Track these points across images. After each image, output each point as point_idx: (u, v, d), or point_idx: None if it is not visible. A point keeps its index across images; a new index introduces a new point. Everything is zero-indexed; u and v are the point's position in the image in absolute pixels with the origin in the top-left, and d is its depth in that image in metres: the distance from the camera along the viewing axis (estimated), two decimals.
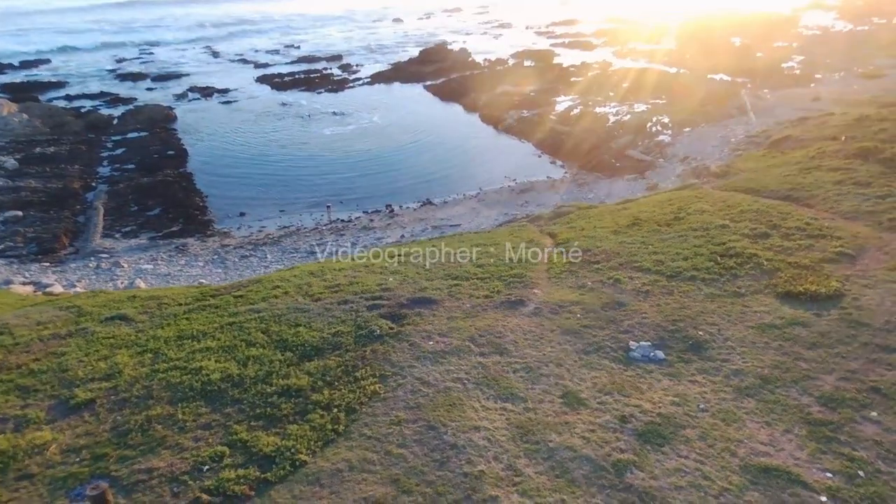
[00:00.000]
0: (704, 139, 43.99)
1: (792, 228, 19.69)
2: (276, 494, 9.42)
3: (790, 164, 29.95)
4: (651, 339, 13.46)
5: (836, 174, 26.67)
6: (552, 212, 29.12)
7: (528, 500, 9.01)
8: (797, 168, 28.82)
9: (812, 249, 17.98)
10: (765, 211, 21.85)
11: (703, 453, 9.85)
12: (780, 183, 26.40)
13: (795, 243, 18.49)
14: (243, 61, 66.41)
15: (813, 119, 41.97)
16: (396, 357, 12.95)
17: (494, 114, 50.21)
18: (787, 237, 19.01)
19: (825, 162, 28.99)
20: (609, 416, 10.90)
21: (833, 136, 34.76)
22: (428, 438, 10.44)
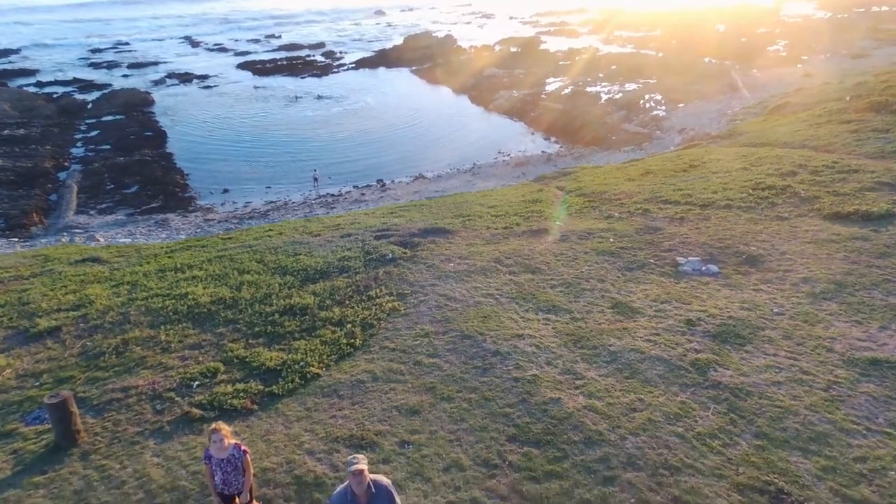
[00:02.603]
0: (700, 113, 43.15)
1: (819, 167, 18.45)
2: (284, 407, 7.65)
3: (798, 122, 29.00)
4: (700, 256, 11.98)
5: (850, 125, 25.65)
6: (556, 172, 27.71)
7: (598, 401, 7.39)
8: (806, 124, 27.85)
9: (847, 182, 16.72)
10: (784, 156, 20.67)
11: (793, 351, 8.35)
12: (793, 136, 25.32)
13: (828, 177, 17.24)
14: (223, 50, 64.34)
15: (810, 89, 41.36)
16: (414, 277, 11.26)
17: (483, 95, 48.95)
18: (817, 174, 17.75)
19: (835, 117, 28.04)
20: (672, 321, 9.36)
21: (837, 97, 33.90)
22: (464, 347, 8.77)
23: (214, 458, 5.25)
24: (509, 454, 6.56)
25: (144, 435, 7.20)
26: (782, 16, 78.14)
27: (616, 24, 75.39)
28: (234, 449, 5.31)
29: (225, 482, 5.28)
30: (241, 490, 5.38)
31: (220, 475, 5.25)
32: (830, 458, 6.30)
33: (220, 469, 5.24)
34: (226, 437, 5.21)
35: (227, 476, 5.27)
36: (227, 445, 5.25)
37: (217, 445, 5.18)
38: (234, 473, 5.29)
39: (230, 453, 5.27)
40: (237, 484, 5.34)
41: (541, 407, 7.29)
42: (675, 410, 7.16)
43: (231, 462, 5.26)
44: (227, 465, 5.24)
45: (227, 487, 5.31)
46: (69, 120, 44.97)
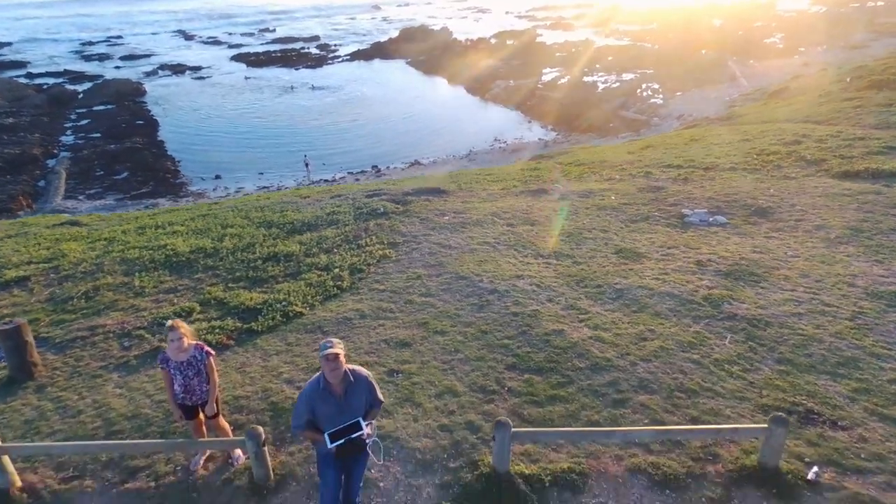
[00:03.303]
0: (698, 100, 42.76)
1: (824, 136, 17.94)
2: (263, 343, 7.03)
3: (799, 103, 28.53)
4: (706, 208, 11.43)
5: (852, 102, 25.18)
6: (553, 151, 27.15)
7: (604, 332, 6.80)
8: (807, 104, 27.39)
9: (853, 147, 16.19)
10: (787, 129, 20.16)
11: (812, 287, 7.78)
12: (794, 114, 24.84)
13: (833, 144, 16.72)
14: (217, 43, 63.70)
15: (809, 76, 40.99)
16: (407, 229, 10.66)
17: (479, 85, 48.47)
18: (822, 141, 17.21)
19: (836, 96, 27.60)
20: (680, 262, 8.79)
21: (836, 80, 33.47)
22: (459, 287, 8.17)
23: (172, 361, 4.62)
24: (508, 381, 5.95)
25: (108, 369, 6.57)
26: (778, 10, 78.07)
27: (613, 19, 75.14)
28: (196, 350, 4.68)
29: (186, 389, 4.65)
30: (206, 400, 4.75)
31: (180, 381, 4.61)
32: (862, 381, 5.72)
33: (180, 373, 4.60)
34: (185, 337, 4.57)
35: (189, 382, 4.63)
36: (187, 346, 4.62)
37: (175, 345, 4.54)
38: (197, 379, 4.66)
39: (191, 355, 4.64)
40: (200, 392, 4.71)
41: (542, 338, 6.70)
42: (689, 339, 6.58)
43: (192, 365, 4.63)
44: (188, 369, 4.61)
45: (188, 396, 4.68)
46: (59, 109, 44.29)
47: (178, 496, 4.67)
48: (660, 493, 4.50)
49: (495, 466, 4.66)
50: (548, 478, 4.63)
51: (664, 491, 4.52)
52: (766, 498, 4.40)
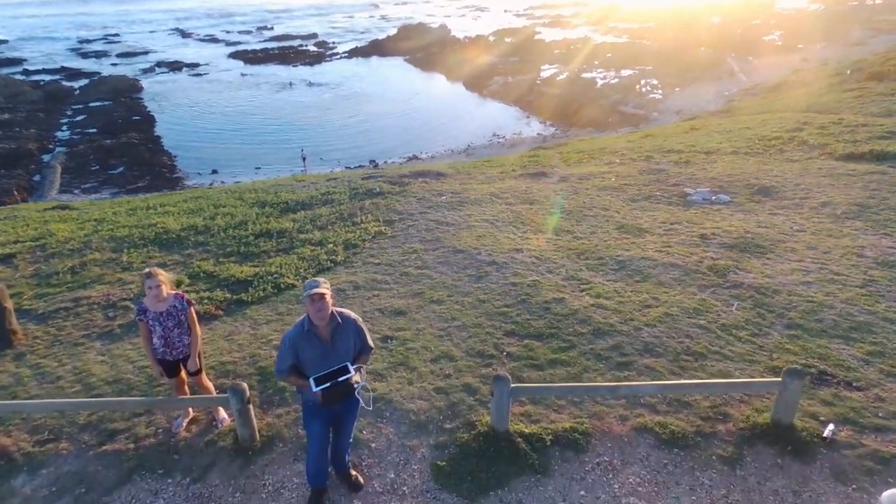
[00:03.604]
0: (697, 95, 42.58)
1: (826, 123, 17.74)
2: (252, 312, 6.78)
3: (799, 95, 28.36)
4: (709, 187, 11.21)
5: (853, 92, 25.02)
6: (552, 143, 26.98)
7: (607, 300, 6.56)
8: (808, 95, 27.23)
9: (856, 132, 15.99)
10: (789, 118, 19.97)
11: (820, 258, 7.54)
12: (794, 105, 24.65)
13: (835, 130, 16.52)
14: (214, 40, 63.34)
15: (808, 70, 40.82)
16: (403, 207, 10.42)
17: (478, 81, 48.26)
18: (824, 128, 17.01)
19: (837, 87, 27.45)
20: (684, 236, 8.56)
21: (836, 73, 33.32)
22: (456, 260, 7.93)
23: (150, 311, 4.36)
24: (507, 346, 5.71)
25: (91, 338, 6.32)
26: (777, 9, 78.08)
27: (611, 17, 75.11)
28: (176, 300, 4.42)
29: (166, 343, 4.39)
30: (187, 354, 4.49)
31: (159, 333, 4.35)
32: (877, 345, 5.48)
33: (159, 324, 4.34)
34: (164, 285, 4.32)
35: (168, 334, 4.37)
36: (166, 296, 4.37)
37: (153, 294, 4.28)
38: (178, 331, 4.40)
39: (170, 304, 4.38)
40: (181, 346, 4.45)
41: (542, 306, 6.45)
42: (695, 306, 6.34)
43: (172, 315, 4.37)
44: (168, 320, 4.35)
45: (169, 351, 4.42)
46: (55, 105, 43.98)
47: (158, 458, 4.42)
48: (667, 452, 4.26)
49: (494, 426, 4.41)
50: (549, 437, 4.39)
51: (672, 449, 4.28)
52: (779, 455, 4.16)
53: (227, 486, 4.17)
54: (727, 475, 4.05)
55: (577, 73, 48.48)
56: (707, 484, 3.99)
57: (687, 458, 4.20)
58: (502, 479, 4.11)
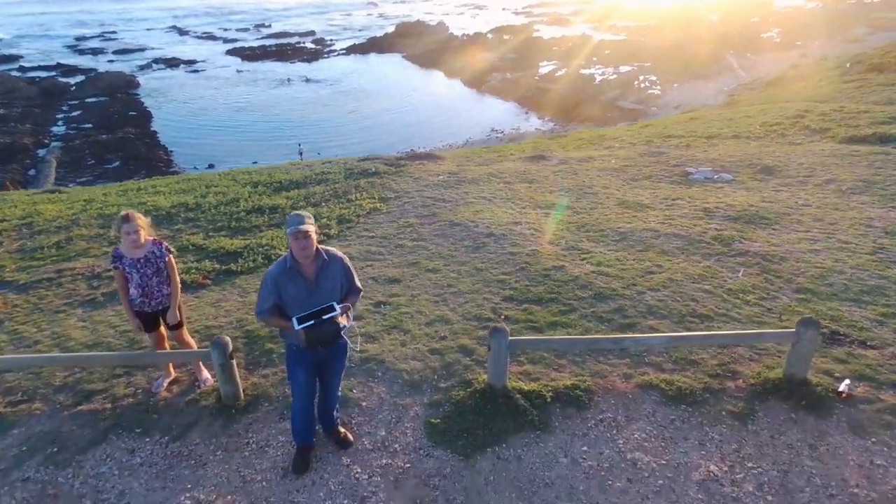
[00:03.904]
0: (696, 91, 42.41)
1: (827, 111, 17.54)
2: (241, 282, 6.55)
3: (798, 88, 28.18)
4: (711, 167, 11.00)
5: (853, 83, 24.85)
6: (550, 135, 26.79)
7: (609, 267, 6.33)
8: (807, 87, 27.05)
9: (858, 118, 15.79)
10: (789, 107, 19.77)
11: (827, 229, 7.34)
12: (794, 97, 24.46)
13: (837, 117, 16.32)
14: (212, 38, 63.10)
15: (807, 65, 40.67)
16: (399, 186, 10.19)
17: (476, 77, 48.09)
18: (824, 115, 16.80)
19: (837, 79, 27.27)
20: (686, 210, 8.34)
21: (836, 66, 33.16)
22: (453, 232, 7.70)
23: (126, 258, 4.12)
24: (505, 311, 5.48)
25: (73, 305, 6.08)
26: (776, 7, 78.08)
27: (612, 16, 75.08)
28: (154, 246, 4.18)
29: (145, 292, 4.15)
30: (167, 306, 4.26)
31: (136, 281, 4.11)
32: (890, 307, 5.26)
33: (137, 272, 4.09)
34: (142, 229, 4.08)
35: (147, 283, 4.13)
36: (144, 242, 4.13)
37: (131, 239, 4.04)
38: (157, 280, 4.16)
39: (148, 251, 4.15)
40: (160, 296, 4.21)
41: (542, 273, 6.23)
42: (699, 273, 6.12)
43: (150, 262, 4.13)
44: (146, 267, 4.11)
45: (147, 301, 4.18)
46: (51, 101, 43.71)
47: (136, 417, 4.18)
48: (674, 408, 4.03)
49: (491, 383, 4.18)
50: (549, 394, 4.16)
51: (679, 406, 4.05)
52: (793, 410, 3.94)
53: (209, 445, 3.93)
54: (738, 430, 3.83)
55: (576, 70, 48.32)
56: (717, 439, 3.77)
57: (695, 413, 3.97)
58: (500, 435, 3.88)
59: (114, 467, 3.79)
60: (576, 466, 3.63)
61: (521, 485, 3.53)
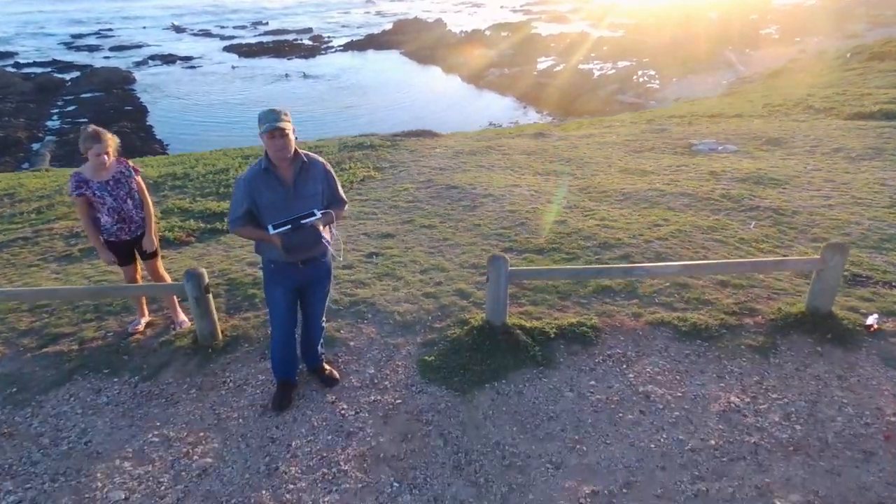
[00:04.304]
0: (695, 85, 42.16)
1: (830, 94, 17.26)
2: (227, 239, 6.23)
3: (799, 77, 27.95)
4: (715, 139, 10.72)
5: (855, 71, 24.60)
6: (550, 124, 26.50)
7: (613, 222, 6.02)
8: (809, 76, 26.81)
9: (862, 100, 15.52)
10: (792, 93, 19.50)
11: (840, 188, 7.03)
12: (795, 86, 24.20)
13: (840, 98, 16.06)
14: (208, 35, 62.84)
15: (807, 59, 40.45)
16: (395, 157, 9.88)
17: (474, 73, 47.84)
18: (828, 98, 16.53)
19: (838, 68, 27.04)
20: (692, 174, 8.04)
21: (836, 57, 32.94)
22: (450, 194, 7.39)
23: (93, 181, 3.80)
24: None
25: (47, 260, 5.75)
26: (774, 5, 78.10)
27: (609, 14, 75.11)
28: (121, 166, 3.86)
29: (121, 217, 3.77)
30: (143, 231, 3.93)
31: (110, 205, 3.72)
32: None
33: (109, 194, 3.73)
34: (110, 148, 3.75)
35: (122, 206, 3.77)
36: (111, 163, 3.80)
37: (98, 161, 3.68)
38: (131, 202, 3.82)
39: (116, 171, 3.82)
40: (138, 219, 3.87)
41: (543, 227, 5.92)
42: (709, 225, 5.81)
43: (121, 183, 3.79)
44: (117, 188, 3.77)
45: (125, 227, 3.81)
46: (46, 96, 43.38)
47: (105, 358, 3.85)
48: (689, 343, 3.72)
49: (489, 320, 3.86)
50: (553, 331, 3.84)
51: (694, 341, 3.73)
52: (819, 343, 3.62)
53: (182, 384, 3.60)
54: (759, 363, 3.51)
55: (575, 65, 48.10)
56: (737, 372, 3.45)
57: (712, 348, 3.66)
58: (499, 371, 3.56)
59: (77, 406, 3.46)
60: (582, 400, 3.31)
61: (523, 418, 3.21)
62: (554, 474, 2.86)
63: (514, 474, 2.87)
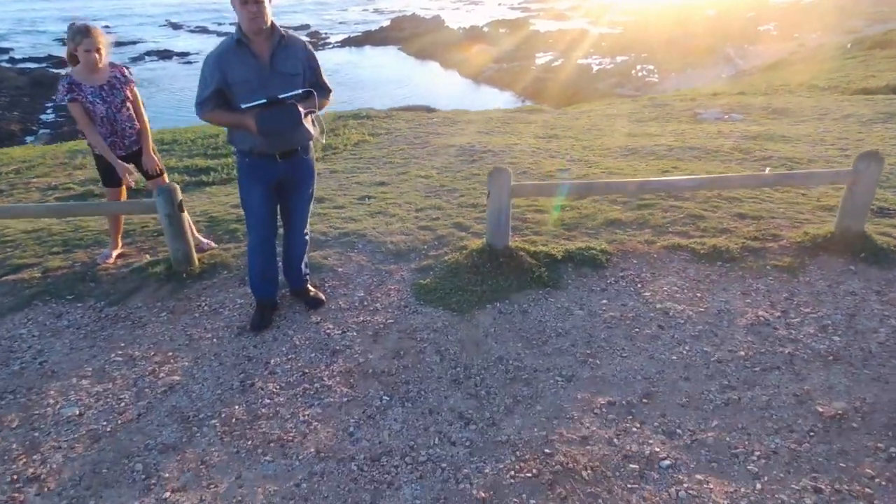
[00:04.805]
0: (694, 79, 41.92)
1: (834, 78, 17.01)
2: (212, 190, 5.90)
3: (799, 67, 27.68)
4: (720, 109, 10.43)
5: (857, 59, 24.35)
6: None
7: (619, 170, 5.70)
8: (809, 64, 26.56)
9: (867, 81, 15.23)
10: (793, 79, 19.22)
11: (854, 144, 6.72)
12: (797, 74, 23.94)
13: (843, 80, 15.79)
14: (205, 31, 62.64)
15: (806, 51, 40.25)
16: (390, 125, 9.56)
17: (473, 68, 47.61)
18: (832, 83, 16.25)
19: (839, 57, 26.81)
20: (699, 134, 7.74)
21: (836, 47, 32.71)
22: (448, 151, 7.07)
23: (86, 86, 3.41)
24: None
25: None
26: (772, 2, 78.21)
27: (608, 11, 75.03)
28: (114, 70, 3.46)
29: (114, 130, 3.41)
30: (139, 146, 3.57)
31: (102, 114, 3.35)
32: None
33: (102, 101, 3.34)
34: (101, 45, 3.38)
35: (116, 116, 3.39)
36: (104, 65, 3.44)
37: (91, 59, 3.26)
38: (124, 112, 3.43)
39: (111, 76, 3.41)
40: (132, 134, 3.50)
41: (545, 175, 5.61)
42: (721, 171, 5.50)
43: (116, 89, 3.40)
44: (112, 95, 3.38)
45: (119, 141, 3.47)
46: (41, 90, 43.07)
47: (69, 285, 3.52)
48: (708, 265, 3.40)
49: (491, 243, 3.54)
50: (560, 254, 3.52)
51: (714, 263, 3.42)
52: (851, 262, 3.31)
53: (151, 308, 3.27)
54: (787, 282, 3.20)
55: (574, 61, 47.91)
56: (763, 289, 3.14)
57: (735, 268, 3.34)
58: (501, 292, 3.23)
59: (34, 329, 3.13)
60: (594, 318, 2.99)
61: (529, 335, 2.88)
62: (565, 386, 2.53)
63: (519, 387, 2.55)
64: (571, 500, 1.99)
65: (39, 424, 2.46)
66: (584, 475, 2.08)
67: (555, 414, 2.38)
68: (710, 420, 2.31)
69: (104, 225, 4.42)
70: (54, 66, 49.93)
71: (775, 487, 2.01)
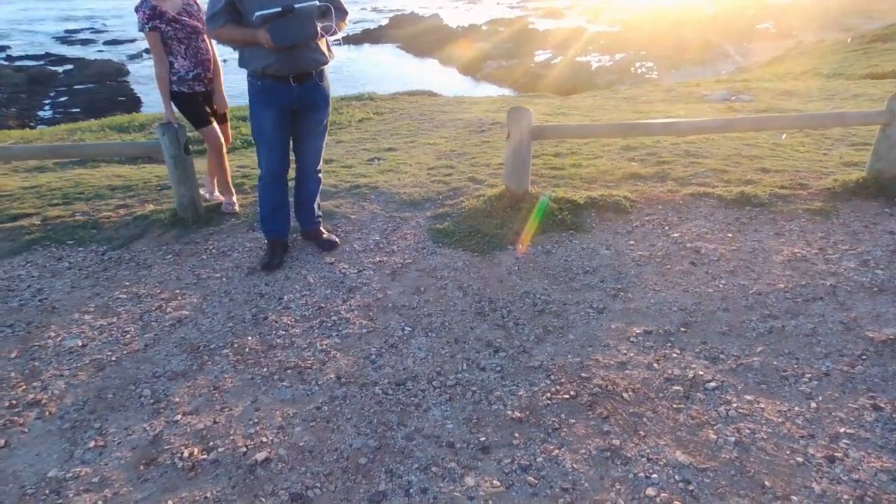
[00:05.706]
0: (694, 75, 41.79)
1: (838, 68, 16.93)
2: None
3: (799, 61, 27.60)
4: (727, 90, 10.32)
5: (858, 52, 24.25)
6: None
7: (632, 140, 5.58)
8: (811, 57, 26.48)
9: (871, 68, 15.14)
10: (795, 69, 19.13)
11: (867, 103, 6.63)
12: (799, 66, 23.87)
13: (848, 69, 15.71)
14: None
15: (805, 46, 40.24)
16: (394, 106, 9.43)
17: (472, 65, 47.55)
18: (836, 71, 16.16)
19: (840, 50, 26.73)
20: (707, 108, 7.63)
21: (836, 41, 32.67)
22: (455, 124, 6.94)
23: (167, 13, 3.05)
24: None
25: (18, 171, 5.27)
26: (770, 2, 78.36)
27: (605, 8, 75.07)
28: None
29: (197, 62, 3.17)
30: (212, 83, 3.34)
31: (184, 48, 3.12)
32: None
33: (185, 33, 3.09)
34: None
35: (198, 47, 3.16)
36: None
37: None
38: (204, 45, 3.22)
39: (185, 2, 3.14)
40: (209, 69, 3.28)
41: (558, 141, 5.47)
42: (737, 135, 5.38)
43: (194, 17, 3.13)
44: (189, 27, 3.11)
45: (200, 74, 3.21)
46: (38, 87, 42.85)
47: (70, 231, 3.37)
48: (737, 210, 3.27)
49: (510, 187, 3.41)
50: (582, 199, 3.39)
51: (743, 208, 3.29)
52: (886, 206, 3.18)
53: (157, 252, 3.13)
54: (821, 223, 3.07)
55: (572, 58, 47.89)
56: (797, 230, 3.01)
57: (764, 212, 3.22)
58: (523, 234, 3.10)
59: (33, 271, 2.98)
60: (622, 256, 2.86)
61: (556, 273, 2.75)
62: (597, 317, 2.40)
63: (548, 318, 2.41)
64: (614, 419, 1.85)
65: (40, 355, 2.31)
66: (624, 396, 1.95)
67: (588, 343, 2.25)
68: (754, 346, 2.18)
69: (103, 181, 4.28)
70: (52, 63, 49.76)
71: (831, 406, 1.88)
